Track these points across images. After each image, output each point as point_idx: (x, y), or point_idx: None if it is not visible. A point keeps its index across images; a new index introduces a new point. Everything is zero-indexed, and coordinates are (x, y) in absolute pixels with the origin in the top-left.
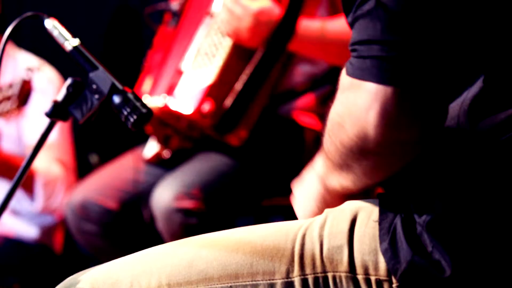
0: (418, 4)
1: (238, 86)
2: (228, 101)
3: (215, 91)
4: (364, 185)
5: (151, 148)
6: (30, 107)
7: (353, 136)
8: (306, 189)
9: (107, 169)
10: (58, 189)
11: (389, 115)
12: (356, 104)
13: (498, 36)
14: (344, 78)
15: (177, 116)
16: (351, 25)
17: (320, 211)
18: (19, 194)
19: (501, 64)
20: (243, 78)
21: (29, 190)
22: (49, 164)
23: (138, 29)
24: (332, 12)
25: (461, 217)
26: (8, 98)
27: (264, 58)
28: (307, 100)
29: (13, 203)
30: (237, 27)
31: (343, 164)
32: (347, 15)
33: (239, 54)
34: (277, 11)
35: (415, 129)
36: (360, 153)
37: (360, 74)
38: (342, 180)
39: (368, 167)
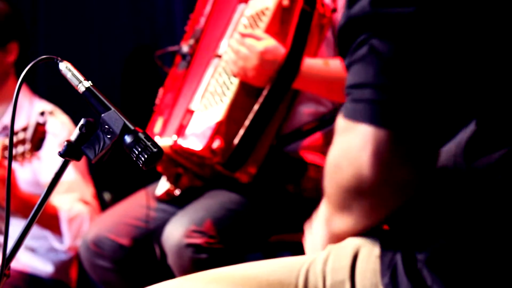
0: (410, 51)
1: (246, 123)
2: (237, 138)
3: (224, 129)
4: (365, 226)
5: (162, 186)
6: (45, 150)
7: (349, 177)
8: (314, 233)
9: (120, 206)
10: (84, 226)
11: (382, 156)
12: (351, 146)
13: (489, 80)
14: (340, 121)
15: (187, 153)
16: (347, 68)
17: None
18: (36, 232)
19: (492, 107)
20: (251, 115)
21: (57, 231)
22: (73, 204)
23: (152, 70)
24: (334, 51)
25: (460, 253)
26: (23, 142)
27: (270, 96)
28: (314, 139)
29: (29, 241)
30: (244, 67)
31: (343, 205)
32: (343, 59)
33: (246, 92)
34: (282, 50)
35: (408, 169)
36: (357, 193)
37: (354, 116)
38: (343, 223)
39: (366, 207)
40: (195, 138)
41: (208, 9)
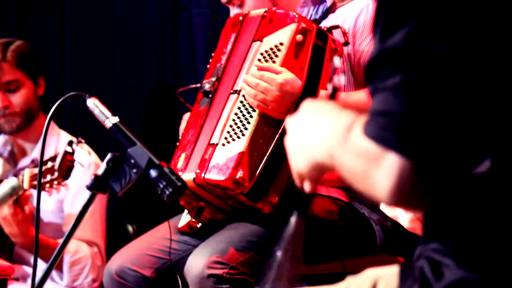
0: (441, 87)
1: (267, 153)
2: (259, 168)
3: (246, 159)
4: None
5: (184, 219)
6: (71, 181)
7: (362, 189)
8: (309, 151)
9: (143, 238)
10: (85, 269)
11: (404, 187)
12: (372, 170)
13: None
14: (362, 140)
15: (211, 186)
16: (372, 94)
17: (313, 171)
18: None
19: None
20: (271, 146)
21: (59, 268)
22: (78, 247)
23: (173, 107)
24: (351, 86)
25: (477, 284)
26: (51, 171)
27: None
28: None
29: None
30: (264, 99)
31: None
32: (368, 84)
33: (265, 124)
34: (299, 82)
35: (427, 201)
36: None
37: (381, 142)
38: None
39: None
40: (218, 170)
41: (229, 47)
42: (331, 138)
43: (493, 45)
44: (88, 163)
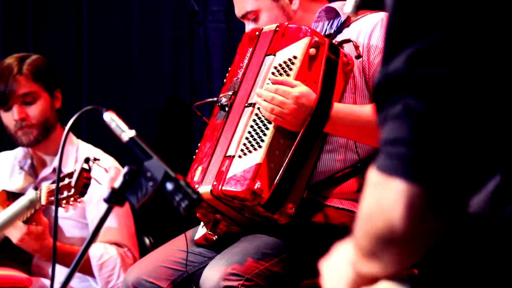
0: (443, 110)
1: (283, 164)
2: (276, 179)
3: (263, 171)
4: (393, 272)
5: (200, 231)
6: (90, 194)
7: (381, 227)
8: (337, 273)
9: (159, 250)
10: (115, 270)
11: (415, 211)
12: (384, 199)
13: None
14: (373, 175)
15: (228, 198)
16: (381, 124)
17: None
18: (79, 275)
19: None
20: (287, 157)
21: (91, 274)
22: (104, 250)
23: (189, 120)
24: (356, 97)
25: None
26: (68, 187)
27: (305, 138)
28: (347, 185)
29: (76, 284)
30: (280, 112)
31: (372, 253)
32: (377, 115)
33: (281, 136)
34: (313, 94)
35: (439, 222)
36: (387, 243)
37: (388, 171)
38: (371, 268)
39: (395, 256)
40: (236, 182)
41: (245, 62)
42: (349, 247)
43: (494, 64)
44: (105, 179)
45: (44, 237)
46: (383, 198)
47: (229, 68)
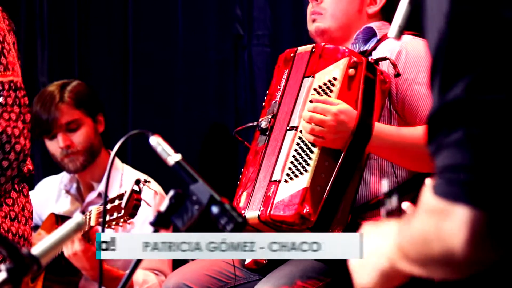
0: (504, 136)
1: (328, 187)
2: (322, 202)
3: (310, 194)
4: (431, 278)
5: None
6: (137, 217)
7: (438, 253)
8: (370, 261)
9: (203, 259)
10: None
11: (477, 239)
12: (444, 226)
13: None
14: (432, 200)
15: (277, 222)
16: (436, 152)
17: (379, 282)
18: None
19: None
20: (332, 178)
21: None
22: (146, 277)
23: (233, 144)
24: (392, 116)
25: None
26: (118, 209)
27: (348, 157)
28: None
29: None
30: (321, 131)
31: (420, 264)
32: (431, 142)
33: (326, 157)
34: (354, 112)
35: (500, 251)
36: (441, 265)
37: (449, 197)
38: (412, 270)
39: (444, 273)
40: (284, 207)
41: (282, 84)
42: (388, 243)
43: None
44: (154, 202)
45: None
46: (443, 225)
47: (267, 92)
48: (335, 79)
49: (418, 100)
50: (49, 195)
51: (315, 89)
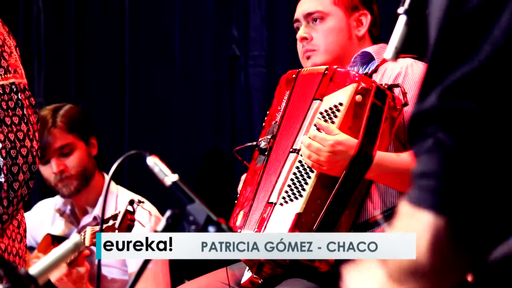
0: (472, 144)
1: (322, 212)
2: (315, 227)
3: (303, 220)
4: None
5: (246, 275)
6: None
7: (407, 263)
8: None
9: (202, 278)
10: None
11: (439, 245)
12: (411, 231)
13: None
14: (404, 207)
15: None
16: (415, 158)
17: None
18: None
19: None
20: (327, 205)
21: None
22: None
23: (230, 164)
24: (398, 147)
25: None
26: (112, 229)
27: (344, 185)
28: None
29: None
30: (317, 159)
31: (399, 282)
32: (411, 147)
33: (323, 184)
34: (353, 141)
35: (463, 259)
36: (412, 275)
37: (416, 203)
38: None
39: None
40: (276, 231)
41: (283, 105)
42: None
43: None
44: (148, 223)
45: (83, 281)
46: (409, 230)
47: (268, 112)
48: (341, 104)
49: None
50: (45, 217)
51: (321, 113)
